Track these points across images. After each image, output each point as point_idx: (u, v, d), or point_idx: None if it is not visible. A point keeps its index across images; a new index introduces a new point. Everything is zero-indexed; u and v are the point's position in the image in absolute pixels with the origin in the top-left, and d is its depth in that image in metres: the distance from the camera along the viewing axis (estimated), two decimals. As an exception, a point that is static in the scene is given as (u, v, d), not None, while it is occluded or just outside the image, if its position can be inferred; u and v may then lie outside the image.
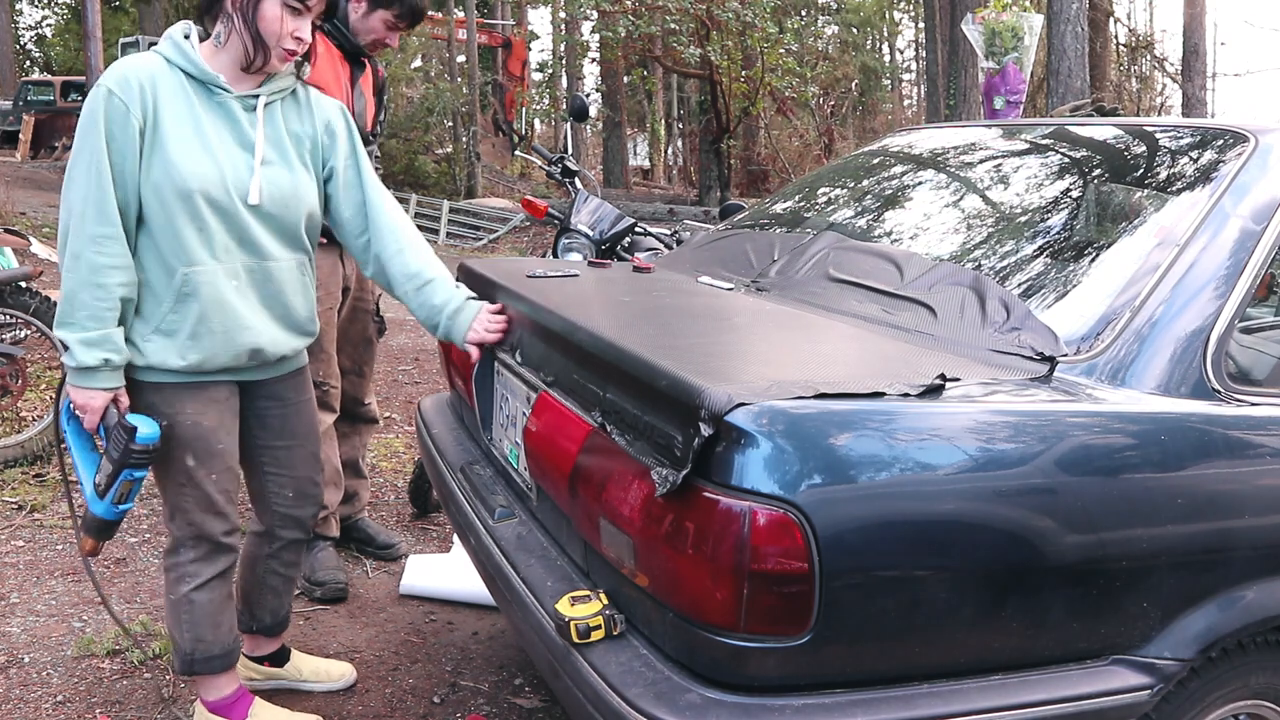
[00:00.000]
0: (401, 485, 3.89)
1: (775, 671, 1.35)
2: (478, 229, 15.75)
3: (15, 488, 3.61)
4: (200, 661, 2.12)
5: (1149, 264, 1.66)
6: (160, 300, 1.95)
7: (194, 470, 2.02)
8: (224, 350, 2.00)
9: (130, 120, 1.88)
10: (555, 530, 1.87)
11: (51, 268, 5.58)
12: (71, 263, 1.88)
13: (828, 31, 33.24)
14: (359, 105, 2.89)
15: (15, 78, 22.52)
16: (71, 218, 1.88)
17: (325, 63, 2.78)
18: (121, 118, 1.88)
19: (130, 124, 1.88)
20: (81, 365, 1.88)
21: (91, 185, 1.87)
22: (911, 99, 37.36)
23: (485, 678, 2.57)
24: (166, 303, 1.95)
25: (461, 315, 2.10)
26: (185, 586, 2.08)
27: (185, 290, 1.95)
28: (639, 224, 3.94)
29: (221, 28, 1.97)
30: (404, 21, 2.83)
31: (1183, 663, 1.52)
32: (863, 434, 1.34)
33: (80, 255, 1.87)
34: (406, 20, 2.83)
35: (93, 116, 1.88)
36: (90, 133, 1.88)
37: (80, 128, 1.90)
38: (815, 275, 2.11)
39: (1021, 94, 3.80)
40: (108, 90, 1.88)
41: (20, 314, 3.81)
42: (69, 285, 1.88)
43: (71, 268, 1.88)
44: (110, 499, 1.98)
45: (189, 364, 1.98)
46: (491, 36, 22.29)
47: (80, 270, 1.87)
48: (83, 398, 1.92)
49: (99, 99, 1.88)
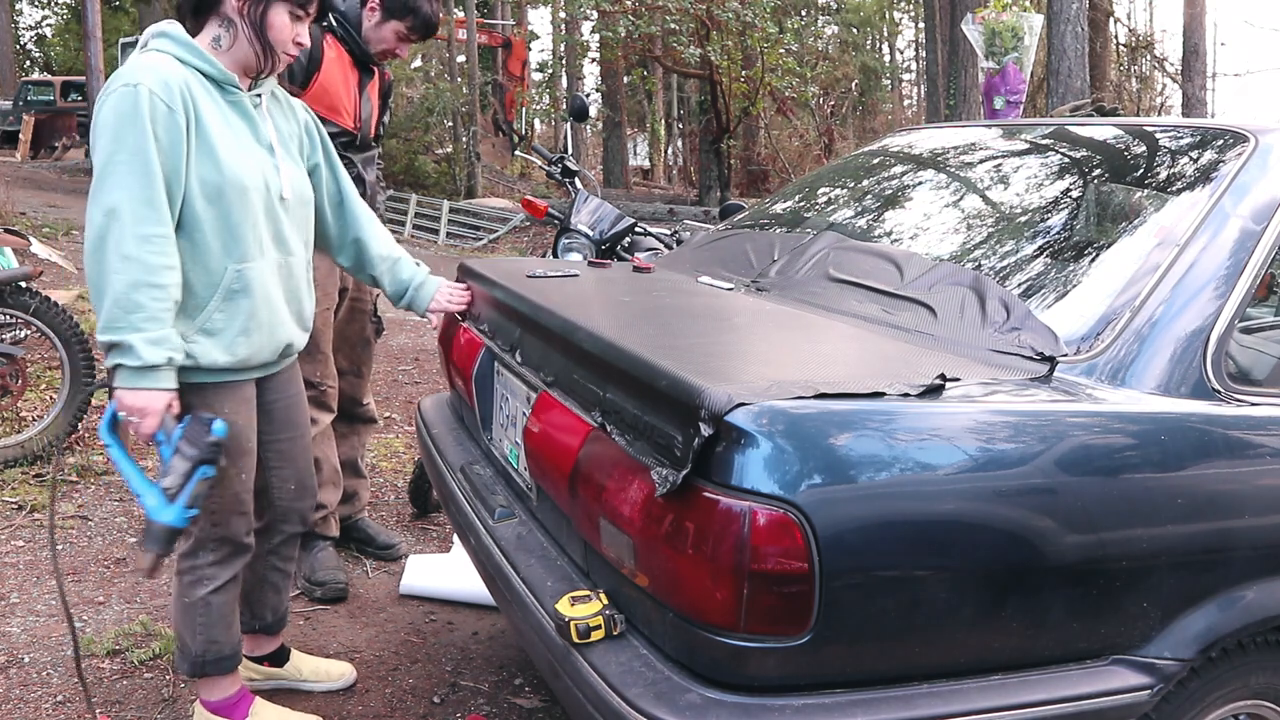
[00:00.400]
0: (401, 485, 3.89)
1: (775, 671, 1.35)
2: (478, 229, 15.75)
3: (15, 488, 3.61)
4: (211, 663, 2.13)
5: (1149, 264, 1.66)
6: (201, 299, 1.95)
7: (225, 470, 2.01)
8: (268, 345, 2.05)
9: (176, 121, 1.86)
10: (555, 530, 1.87)
11: (52, 268, 5.58)
12: (121, 264, 1.81)
13: (828, 31, 33.25)
14: (365, 110, 2.90)
15: (15, 78, 22.53)
16: (113, 218, 1.82)
17: (335, 67, 2.79)
18: (166, 118, 1.85)
19: (176, 125, 1.86)
20: (147, 364, 1.83)
21: (139, 184, 1.82)
22: (911, 99, 37.36)
23: (485, 678, 2.57)
24: (211, 301, 1.95)
25: (425, 287, 2.34)
26: (203, 589, 2.09)
27: (235, 287, 1.96)
28: (639, 224, 3.94)
29: (222, 31, 1.97)
30: (416, 34, 2.84)
31: (1183, 663, 1.52)
32: (863, 434, 1.35)
33: (131, 256, 1.81)
34: (419, 33, 2.84)
35: (133, 117, 1.82)
36: (131, 132, 1.82)
37: (113, 129, 1.83)
38: (815, 275, 2.11)
39: (1021, 94, 3.80)
40: (149, 91, 1.84)
41: (20, 314, 3.80)
42: (119, 287, 1.81)
43: (121, 269, 1.81)
44: (183, 502, 1.90)
45: (236, 360, 1.98)
46: (491, 36, 22.28)
47: (132, 271, 1.81)
48: (143, 400, 1.86)
49: (138, 99, 1.83)
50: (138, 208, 1.82)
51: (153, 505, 1.90)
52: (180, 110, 1.87)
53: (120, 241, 1.81)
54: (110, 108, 1.85)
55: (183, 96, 1.88)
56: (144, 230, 1.83)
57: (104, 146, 1.84)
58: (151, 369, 1.85)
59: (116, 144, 1.83)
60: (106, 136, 1.84)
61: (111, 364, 1.85)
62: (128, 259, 1.82)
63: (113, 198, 1.82)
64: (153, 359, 1.84)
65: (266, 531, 2.28)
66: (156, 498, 1.90)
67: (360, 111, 2.88)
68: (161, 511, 1.90)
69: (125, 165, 1.83)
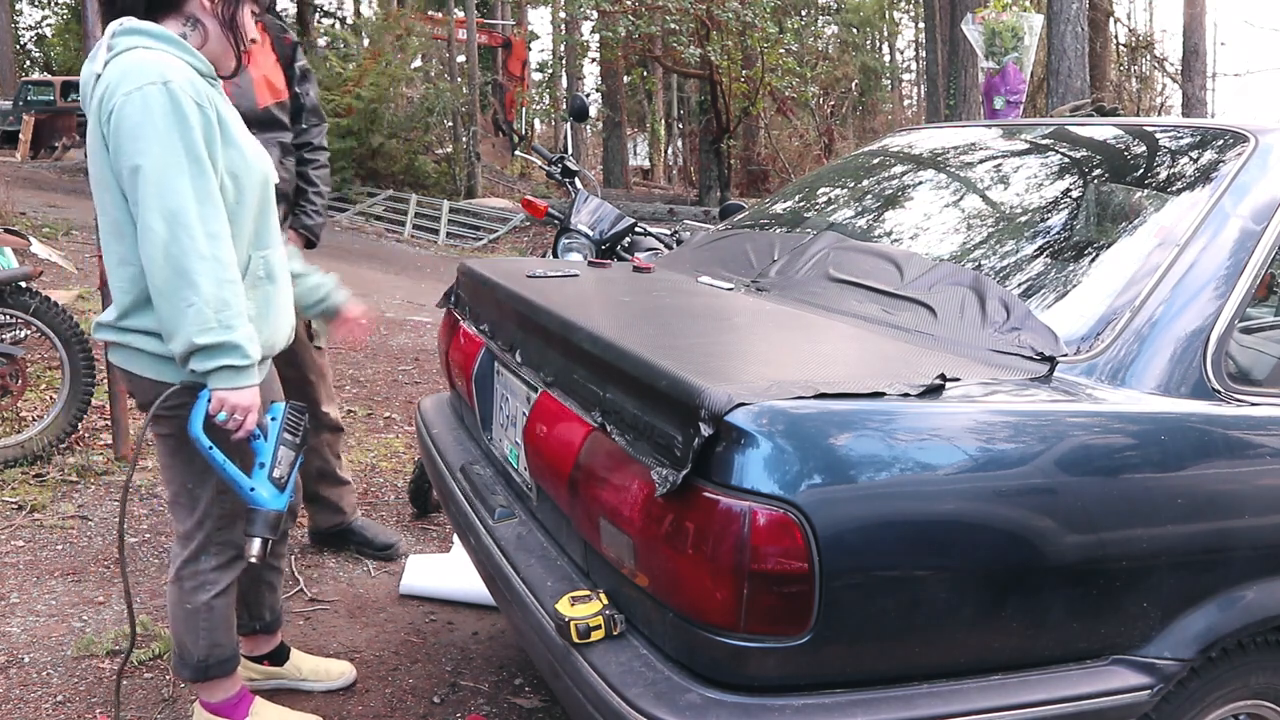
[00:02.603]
0: (401, 485, 3.89)
1: (775, 671, 1.35)
2: (478, 229, 15.74)
3: (15, 488, 3.61)
4: (214, 666, 2.13)
5: (1149, 264, 1.66)
6: None
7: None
8: (283, 330, 2.07)
9: (207, 116, 1.85)
10: (555, 530, 1.87)
11: (52, 268, 5.58)
12: (201, 265, 1.78)
13: (828, 31, 33.25)
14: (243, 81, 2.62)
15: (15, 78, 22.50)
16: (179, 221, 1.77)
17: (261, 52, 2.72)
18: (199, 114, 1.84)
19: (208, 120, 1.85)
20: (252, 361, 1.85)
21: (198, 183, 1.80)
22: (911, 99, 37.35)
23: (485, 678, 2.57)
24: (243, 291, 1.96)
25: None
26: (205, 594, 2.08)
27: (261, 274, 1.98)
28: (639, 224, 3.94)
29: (189, 29, 1.94)
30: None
31: (1183, 663, 1.52)
32: (863, 434, 1.35)
33: (208, 256, 1.79)
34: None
35: (174, 114, 1.79)
36: (179, 130, 1.79)
37: (156, 128, 1.78)
38: (815, 275, 2.11)
39: (1021, 94, 3.80)
40: (179, 89, 1.81)
41: (20, 314, 3.80)
42: (207, 288, 1.78)
43: (203, 270, 1.78)
44: (290, 489, 1.98)
45: (266, 348, 1.99)
46: (491, 36, 22.27)
47: (214, 270, 1.80)
48: (248, 397, 1.87)
49: (175, 97, 1.79)
50: (202, 207, 1.81)
51: (266, 496, 1.94)
52: (208, 105, 1.87)
53: (194, 242, 1.78)
54: (141, 108, 1.78)
55: (205, 93, 1.88)
56: (213, 228, 1.82)
57: (149, 148, 1.78)
58: (252, 366, 1.87)
59: (164, 144, 1.78)
60: (149, 138, 1.78)
61: (210, 367, 1.83)
62: (205, 259, 1.79)
63: (174, 201, 1.78)
64: (256, 354, 1.87)
65: None
66: (268, 488, 1.95)
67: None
68: (275, 499, 1.95)
69: (180, 165, 1.79)
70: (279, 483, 1.96)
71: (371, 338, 6.77)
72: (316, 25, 22.97)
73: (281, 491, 1.96)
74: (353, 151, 16.54)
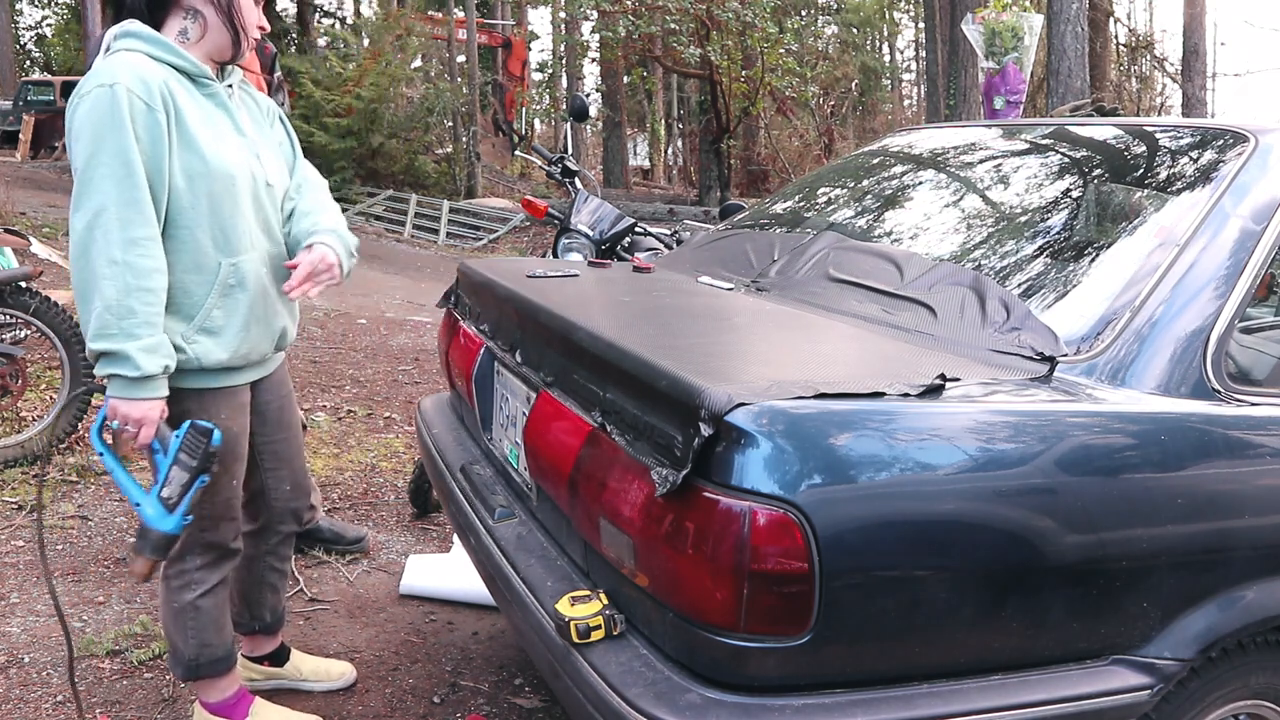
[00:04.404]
0: (401, 485, 3.89)
1: (775, 671, 1.35)
2: (478, 229, 15.74)
3: (15, 488, 3.61)
4: (205, 665, 2.12)
5: (1149, 264, 1.66)
6: (196, 298, 1.92)
7: (219, 476, 1.99)
8: (265, 338, 2.05)
9: (156, 119, 1.82)
10: (555, 530, 1.87)
11: (52, 268, 5.59)
12: (109, 269, 1.77)
13: (828, 31, 33.23)
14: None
15: (15, 78, 22.50)
16: (98, 223, 1.77)
17: None
18: (145, 117, 1.81)
19: (157, 123, 1.82)
20: (145, 374, 1.80)
21: (123, 186, 1.78)
22: (911, 99, 37.35)
23: (485, 678, 2.57)
24: (208, 299, 1.92)
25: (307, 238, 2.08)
26: (191, 594, 2.08)
27: (232, 281, 1.95)
28: (639, 224, 3.94)
29: (188, 24, 1.94)
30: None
31: (1183, 663, 1.52)
32: (863, 434, 1.35)
33: (119, 260, 1.77)
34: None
35: (111, 117, 1.78)
36: (112, 133, 1.78)
37: (91, 130, 1.79)
38: (815, 275, 2.11)
39: (1021, 94, 3.80)
40: (125, 89, 1.79)
41: (20, 314, 3.80)
42: (110, 293, 1.76)
43: (110, 275, 1.77)
44: (181, 511, 1.90)
45: (238, 357, 1.97)
46: (491, 36, 22.28)
47: (123, 276, 1.77)
48: (140, 410, 1.83)
49: (115, 99, 1.78)
50: (123, 210, 1.78)
51: (151, 514, 1.89)
52: (160, 108, 1.83)
53: (107, 246, 1.77)
54: (86, 110, 1.80)
55: (162, 94, 1.84)
56: (131, 233, 1.79)
57: (83, 150, 1.79)
58: (148, 379, 1.82)
59: (96, 146, 1.78)
60: (85, 139, 1.79)
61: (105, 373, 1.81)
62: (115, 264, 1.77)
63: (96, 201, 1.78)
64: (150, 368, 1.81)
65: (263, 532, 2.28)
66: (154, 506, 1.89)
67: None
68: (160, 520, 1.89)
69: (107, 167, 1.78)
70: (167, 503, 1.89)
71: (371, 338, 6.77)
72: (316, 25, 22.97)
73: (170, 513, 1.89)
74: (353, 151, 16.55)
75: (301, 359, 5.83)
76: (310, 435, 4.28)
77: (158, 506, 1.89)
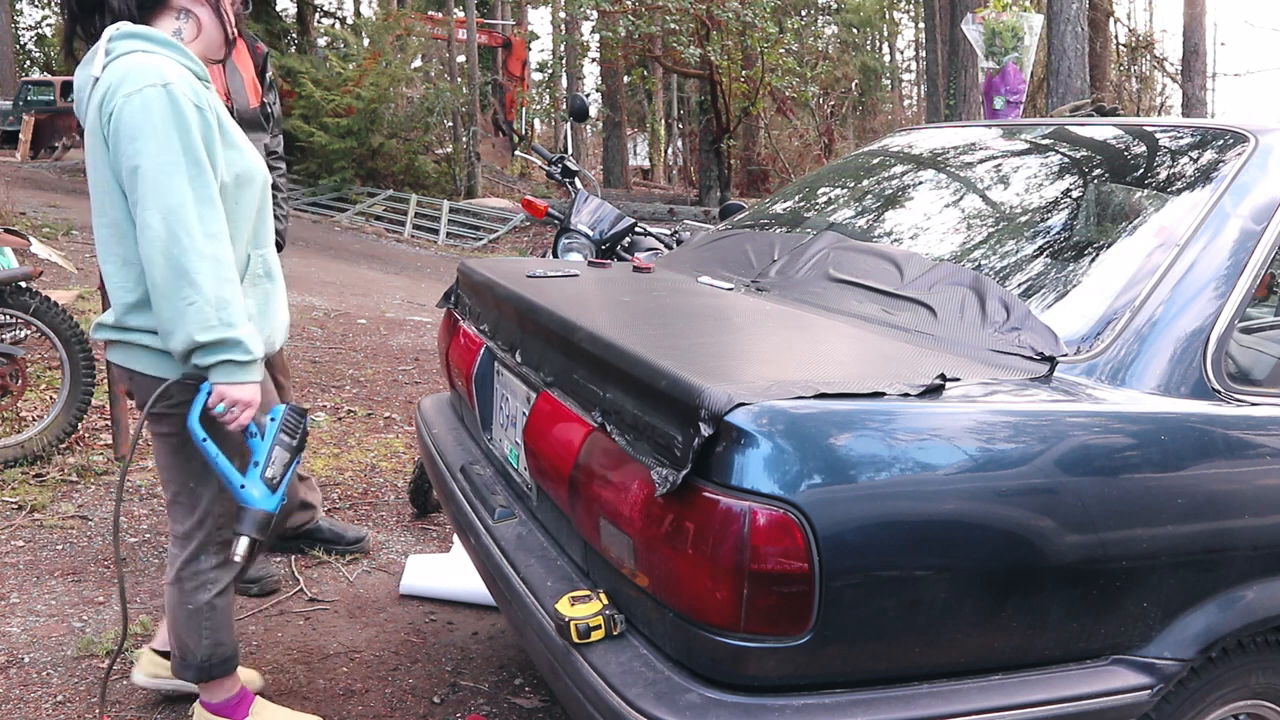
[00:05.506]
0: (401, 485, 3.89)
1: (775, 671, 1.35)
2: (478, 229, 15.74)
3: (15, 488, 3.61)
4: (217, 665, 2.13)
5: (1149, 264, 1.66)
6: None
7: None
8: (283, 326, 2.11)
9: (205, 118, 1.87)
10: (555, 530, 1.87)
11: (52, 268, 5.58)
12: (200, 264, 1.81)
13: (828, 31, 33.25)
14: (235, 83, 2.82)
15: (15, 78, 22.50)
16: (180, 220, 1.80)
17: None
18: (198, 116, 1.85)
19: (207, 122, 1.87)
20: (254, 356, 1.88)
21: (196, 184, 1.82)
22: (911, 99, 37.34)
23: (485, 678, 2.57)
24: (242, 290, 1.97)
25: None
26: (207, 594, 2.09)
27: (260, 272, 2.02)
28: (639, 224, 3.94)
29: (182, 24, 1.96)
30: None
31: (1183, 663, 1.52)
32: (863, 434, 1.35)
33: (208, 255, 1.82)
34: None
35: (174, 115, 1.81)
36: (179, 131, 1.81)
37: (155, 129, 1.80)
38: (815, 275, 2.11)
39: (1021, 94, 3.80)
40: (180, 91, 1.82)
41: (20, 314, 3.80)
42: (208, 287, 1.81)
43: (202, 269, 1.81)
44: (283, 490, 1.98)
45: (267, 345, 2.01)
46: (491, 36, 22.28)
47: (214, 269, 1.82)
48: (249, 393, 1.90)
49: (175, 99, 1.81)
50: (200, 207, 1.82)
51: (256, 496, 1.96)
52: (207, 108, 1.88)
53: (194, 241, 1.81)
54: (141, 109, 1.80)
55: (204, 96, 1.90)
56: (211, 228, 1.84)
57: (146, 148, 1.80)
58: (254, 362, 1.90)
59: (163, 144, 1.80)
60: (148, 138, 1.80)
61: (211, 361, 1.86)
62: (205, 258, 1.82)
63: (173, 199, 1.80)
64: (258, 351, 1.89)
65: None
66: (259, 487, 1.96)
67: (229, 84, 2.80)
68: (265, 500, 1.96)
69: (178, 165, 1.81)
70: (271, 483, 1.97)
71: (371, 338, 6.77)
72: (316, 25, 22.94)
73: (273, 493, 1.97)
74: (353, 151, 16.55)
75: (301, 359, 5.83)
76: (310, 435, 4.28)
77: (262, 488, 1.96)
